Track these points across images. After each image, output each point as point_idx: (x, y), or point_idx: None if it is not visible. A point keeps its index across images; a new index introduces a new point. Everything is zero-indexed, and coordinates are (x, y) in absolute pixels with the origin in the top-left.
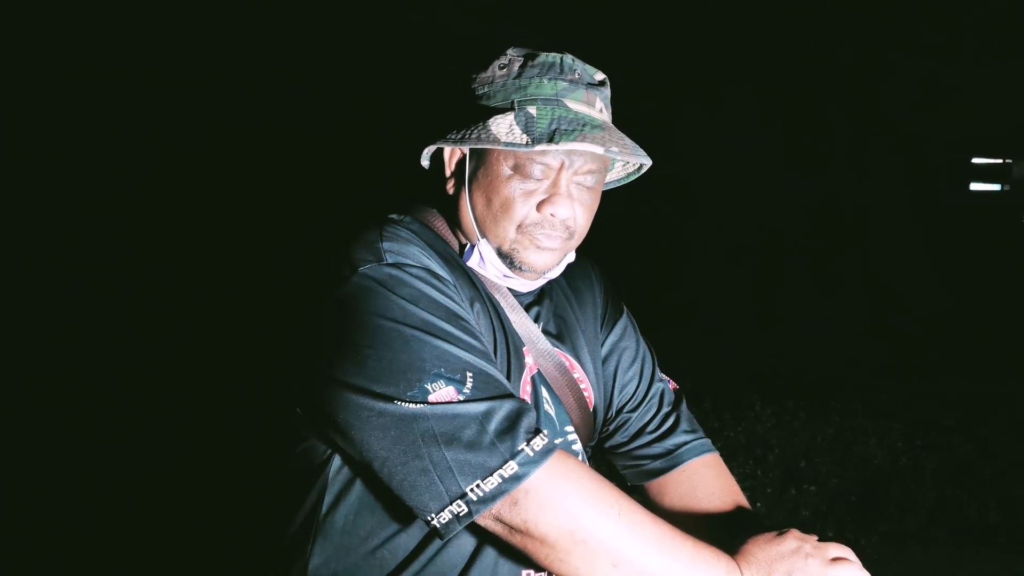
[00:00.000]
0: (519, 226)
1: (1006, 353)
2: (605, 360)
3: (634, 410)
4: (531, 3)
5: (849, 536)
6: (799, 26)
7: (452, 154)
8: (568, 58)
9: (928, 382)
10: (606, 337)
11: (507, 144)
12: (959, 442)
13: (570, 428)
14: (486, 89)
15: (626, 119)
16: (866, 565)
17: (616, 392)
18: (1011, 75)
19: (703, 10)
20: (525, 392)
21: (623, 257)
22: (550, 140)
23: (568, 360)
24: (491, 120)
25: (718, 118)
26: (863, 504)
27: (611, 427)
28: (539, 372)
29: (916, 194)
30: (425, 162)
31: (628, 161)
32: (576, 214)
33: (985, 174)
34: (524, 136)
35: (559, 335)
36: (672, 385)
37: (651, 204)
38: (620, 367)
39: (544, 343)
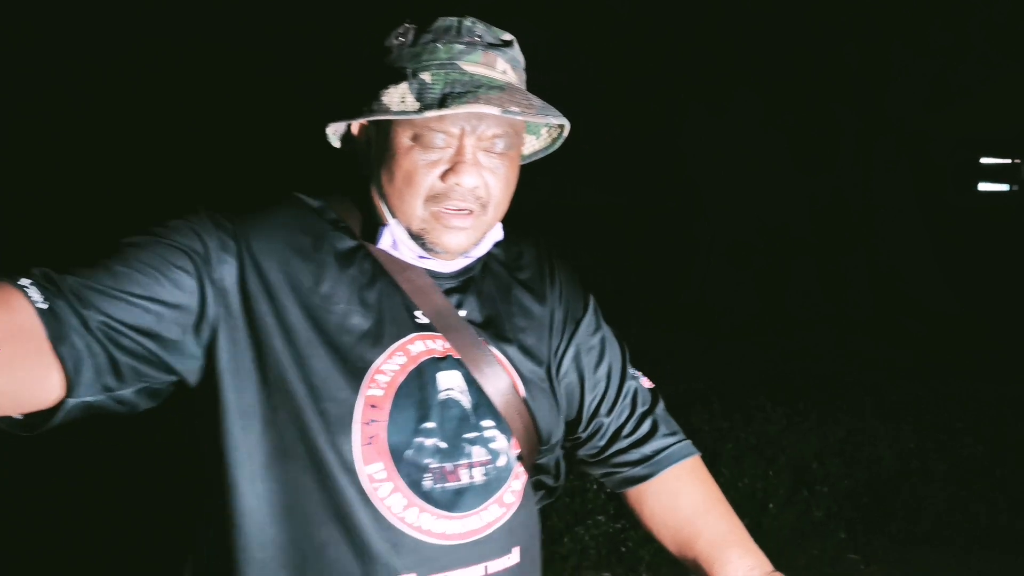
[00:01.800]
0: (425, 200)
1: (1015, 354)
2: (571, 362)
3: (608, 413)
4: (538, 5)
5: (860, 538)
6: (806, 25)
7: (360, 133)
8: (468, 21)
9: (937, 383)
10: (570, 337)
11: (398, 113)
12: (969, 443)
13: (487, 423)
14: (383, 61)
15: (636, 119)
16: (877, 567)
17: (586, 395)
18: (1020, 74)
19: (711, 10)
20: (402, 372)
21: (631, 257)
22: (442, 104)
23: (494, 352)
24: (384, 91)
25: (725, 118)
26: (873, 505)
27: (584, 434)
28: (454, 359)
29: (924, 194)
30: (336, 143)
31: (550, 125)
32: (488, 183)
33: (994, 174)
34: (416, 103)
35: (485, 325)
36: (646, 382)
37: (659, 204)
38: (587, 368)
39: (465, 329)
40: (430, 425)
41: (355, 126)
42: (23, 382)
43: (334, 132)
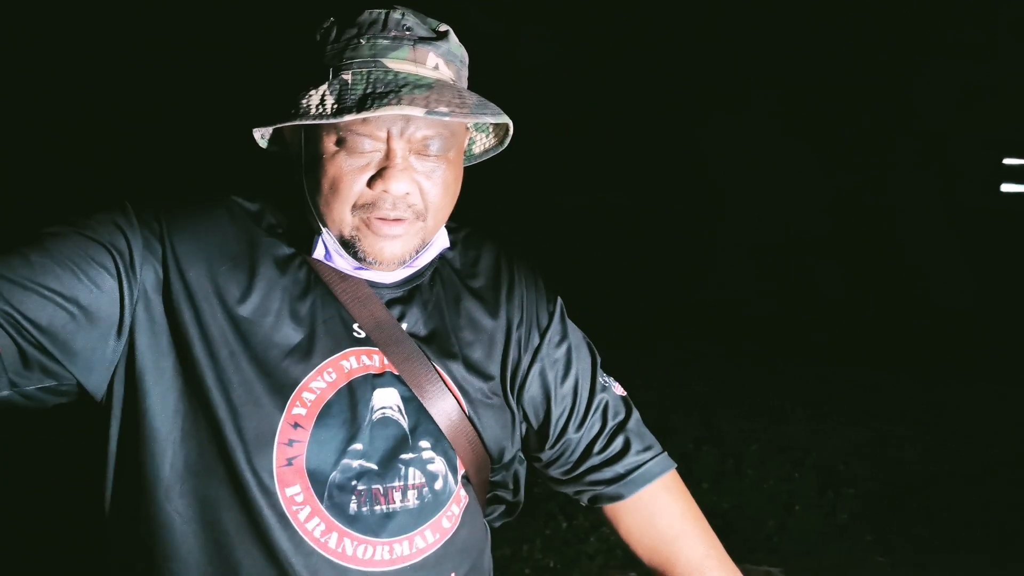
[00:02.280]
0: (353, 208)
1: None
2: (536, 376)
3: (577, 429)
4: (555, 4)
5: (886, 541)
6: (828, 25)
7: (289, 136)
8: (397, 12)
9: (962, 385)
10: (535, 351)
11: (316, 116)
12: (995, 446)
13: (426, 444)
14: (305, 60)
15: (655, 120)
16: (903, 570)
17: (553, 411)
18: None
19: (732, 10)
20: (330, 389)
21: (651, 259)
22: (360, 106)
23: (437, 368)
24: (304, 93)
25: (745, 118)
26: (899, 508)
27: (553, 452)
28: (392, 376)
29: (946, 195)
30: (264, 145)
31: (492, 123)
32: (423, 188)
33: (1017, 175)
34: (335, 106)
35: (428, 339)
36: (618, 390)
37: (678, 205)
38: (553, 382)
39: (406, 344)
40: (358, 446)
41: (284, 129)
42: None
43: (262, 136)
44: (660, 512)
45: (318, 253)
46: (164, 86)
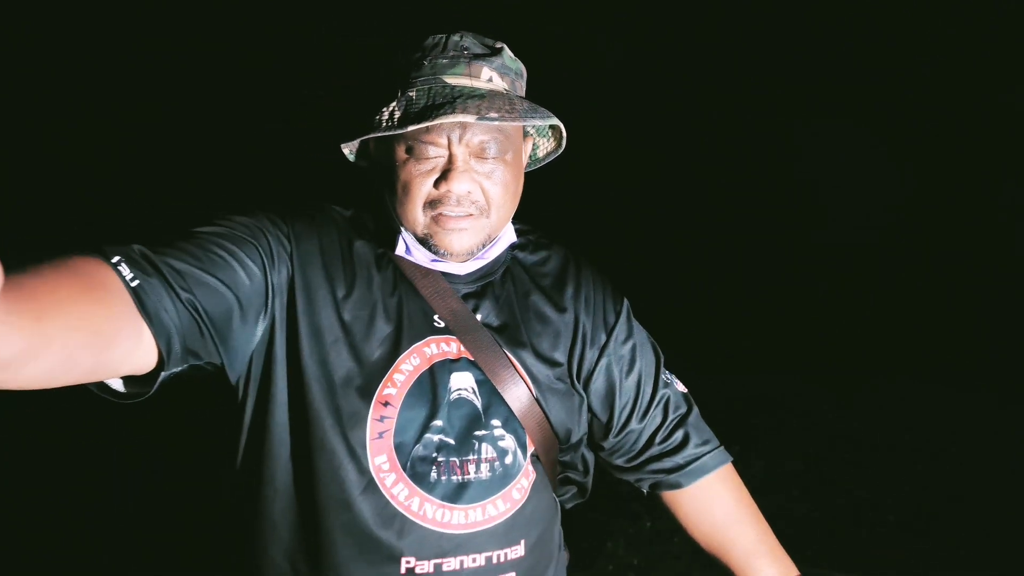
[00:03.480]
0: (424, 206)
1: None
2: (602, 371)
3: (640, 420)
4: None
5: None
6: (926, 25)
7: (371, 149)
8: (456, 35)
9: None
10: (601, 347)
11: (385, 129)
12: None
13: (497, 422)
14: (379, 81)
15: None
16: None
17: (617, 403)
18: None
19: (824, 10)
20: (415, 372)
21: (741, 257)
22: (421, 117)
23: (508, 356)
24: (377, 110)
25: (837, 119)
26: None
27: (616, 440)
28: (468, 361)
29: None
30: (351, 159)
31: (545, 126)
32: (484, 187)
33: None
34: (400, 118)
35: (500, 329)
36: (679, 387)
37: (768, 206)
38: (618, 377)
39: (480, 333)
40: (438, 422)
41: (368, 143)
42: (116, 353)
43: (349, 151)
44: (716, 501)
45: (400, 249)
46: (164, 86)
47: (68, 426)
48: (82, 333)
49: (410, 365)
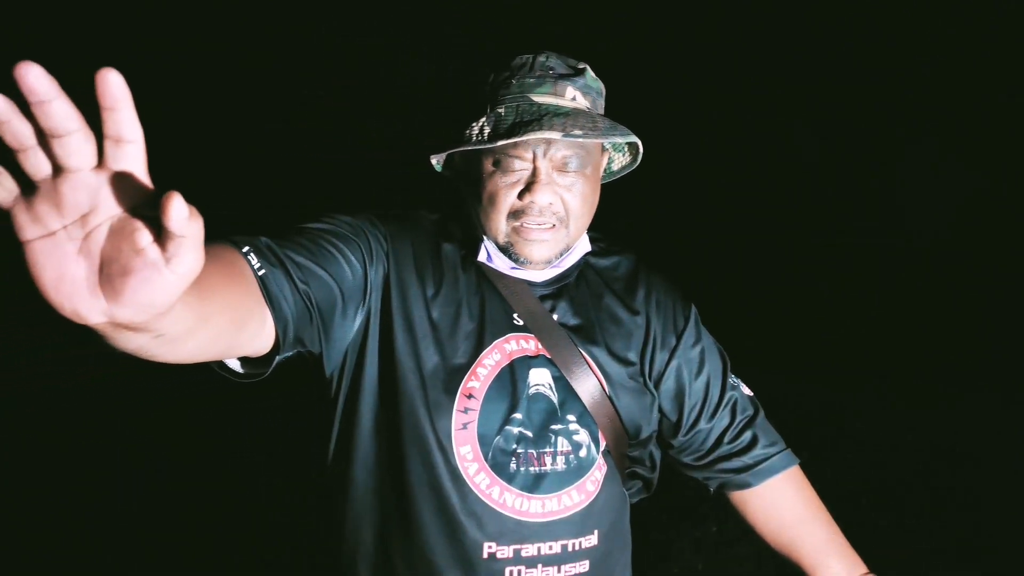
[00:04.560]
0: (507, 217)
1: None
2: (673, 372)
3: (708, 420)
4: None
5: None
6: (926, 25)
7: (459, 163)
8: (542, 56)
9: None
10: (672, 350)
11: (476, 143)
12: None
13: (572, 417)
14: (469, 99)
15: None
16: None
17: (687, 403)
18: None
19: (824, 10)
20: (496, 367)
21: (741, 257)
22: (510, 133)
23: (582, 354)
24: (468, 126)
25: (837, 119)
26: None
27: (685, 439)
28: (545, 358)
29: None
30: (439, 169)
31: (621, 143)
32: (565, 199)
33: None
34: (489, 133)
35: (575, 328)
36: (746, 390)
37: (768, 206)
38: (688, 378)
39: (556, 331)
40: (518, 415)
41: (454, 155)
42: (245, 335)
43: (436, 161)
44: (785, 501)
45: (481, 256)
46: (164, 86)
47: (68, 426)
48: (228, 314)
49: (492, 360)
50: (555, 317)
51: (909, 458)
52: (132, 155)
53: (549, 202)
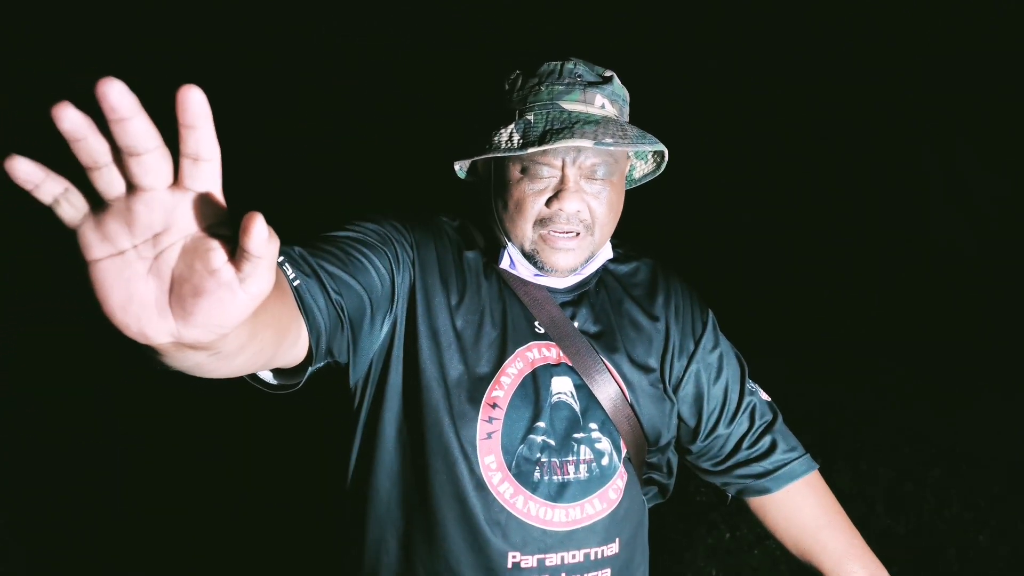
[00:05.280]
0: (534, 224)
1: None
2: (691, 378)
3: (727, 426)
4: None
5: None
6: (926, 25)
7: (480, 167)
8: (570, 63)
9: None
10: (690, 356)
11: (506, 150)
12: None
13: (594, 425)
14: (496, 104)
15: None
16: None
17: (705, 409)
18: None
19: (824, 10)
20: (519, 376)
21: (741, 257)
22: (541, 140)
23: (604, 361)
24: (496, 132)
25: (837, 119)
26: None
27: (703, 446)
28: (567, 366)
29: None
30: (462, 175)
31: (647, 151)
32: (591, 207)
33: None
34: (521, 141)
35: (596, 336)
36: (764, 396)
37: (768, 206)
38: (706, 384)
39: (578, 339)
40: (542, 424)
41: (477, 161)
42: (283, 346)
43: (460, 167)
44: (805, 506)
45: (504, 263)
46: (164, 86)
47: (68, 426)
48: (273, 328)
49: (515, 369)
50: (576, 324)
51: (909, 458)
52: (209, 173)
53: (577, 209)
